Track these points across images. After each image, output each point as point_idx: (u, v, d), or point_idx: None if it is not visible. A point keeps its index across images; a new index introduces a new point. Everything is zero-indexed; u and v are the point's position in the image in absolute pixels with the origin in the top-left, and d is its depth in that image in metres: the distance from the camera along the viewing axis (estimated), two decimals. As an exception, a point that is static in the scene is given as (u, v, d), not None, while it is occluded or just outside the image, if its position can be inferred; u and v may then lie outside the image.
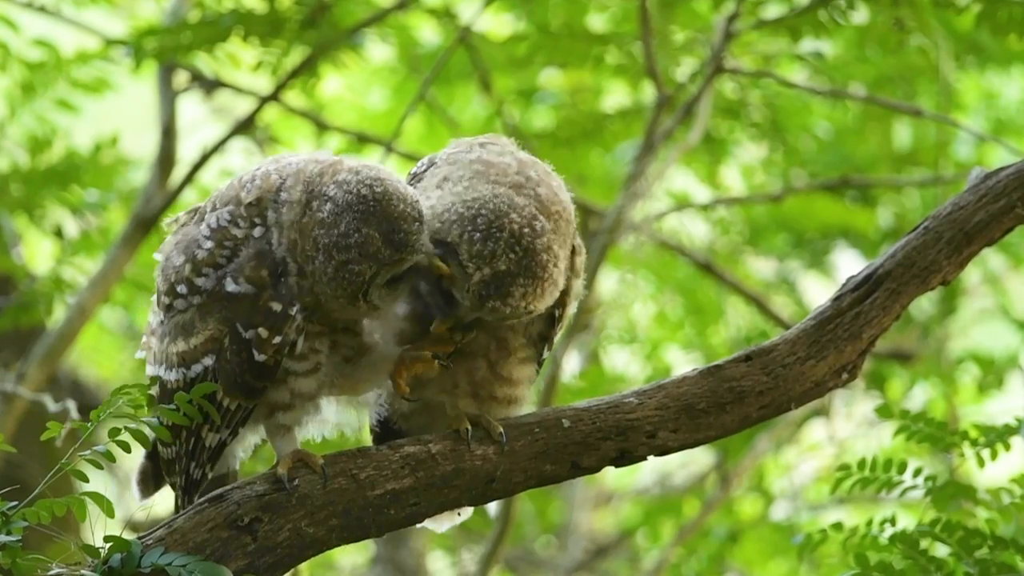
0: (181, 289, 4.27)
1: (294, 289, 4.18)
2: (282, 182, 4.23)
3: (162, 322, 4.34)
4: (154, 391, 4.32)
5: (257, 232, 4.22)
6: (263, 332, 4.18)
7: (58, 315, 7.26)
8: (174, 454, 4.37)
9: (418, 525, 4.54)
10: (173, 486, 4.44)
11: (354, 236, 4.13)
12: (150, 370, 4.40)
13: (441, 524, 4.58)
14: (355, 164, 4.23)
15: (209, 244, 4.25)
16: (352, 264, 4.14)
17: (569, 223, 4.28)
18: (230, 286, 4.21)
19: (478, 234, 4.15)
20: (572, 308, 4.41)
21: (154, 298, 4.39)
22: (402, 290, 4.25)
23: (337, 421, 4.50)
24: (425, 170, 4.39)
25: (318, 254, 4.15)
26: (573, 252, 4.34)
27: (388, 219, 4.13)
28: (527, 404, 4.45)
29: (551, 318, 4.37)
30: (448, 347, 4.28)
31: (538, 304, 4.19)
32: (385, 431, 4.57)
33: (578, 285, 4.38)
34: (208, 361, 4.25)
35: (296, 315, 4.19)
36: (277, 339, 4.18)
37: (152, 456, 4.54)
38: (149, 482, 4.58)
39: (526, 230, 4.16)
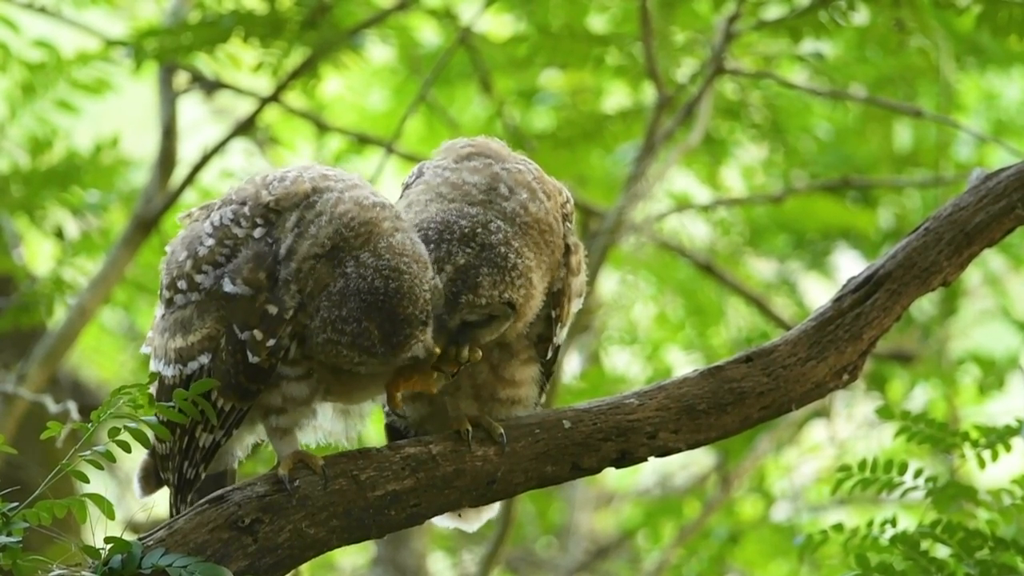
0: (181, 285, 4.23)
1: (290, 305, 4.13)
2: (315, 199, 4.13)
3: (163, 316, 4.32)
4: (154, 387, 4.29)
5: (257, 233, 4.15)
6: (258, 334, 4.13)
7: (59, 316, 7.25)
8: (167, 451, 4.35)
9: (450, 527, 4.56)
10: (167, 483, 4.42)
11: (352, 325, 4.05)
12: (153, 365, 4.37)
13: (472, 524, 4.58)
14: (387, 232, 4.09)
15: (210, 242, 4.20)
16: (342, 348, 4.09)
17: (546, 232, 4.24)
18: (228, 286, 4.15)
19: (431, 244, 4.15)
20: (575, 306, 4.40)
21: (159, 292, 4.36)
22: None
23: (330, 430, 4.45)
24: (414, 180, 4.37)
25: (316, 317, 4.09)
26: (568, 251, 4.33)
27: (391, 319, 4.05)
28: (532, 403, 4.44)
29: (548, 319, 4.36)
30: (452, 367, 4.26)
31: (512, 293, 4.16)
32: (396, 436, 4.57)
33: (577, 283, 4.37)
34: (204, 359, 4.21)
35: (290, 320, 4.12)
36: (271, 342, 4.12)
37: (155, 453, 4.50)
38: (151, 479, 4.55)
39: (478, 229, 4.17)
